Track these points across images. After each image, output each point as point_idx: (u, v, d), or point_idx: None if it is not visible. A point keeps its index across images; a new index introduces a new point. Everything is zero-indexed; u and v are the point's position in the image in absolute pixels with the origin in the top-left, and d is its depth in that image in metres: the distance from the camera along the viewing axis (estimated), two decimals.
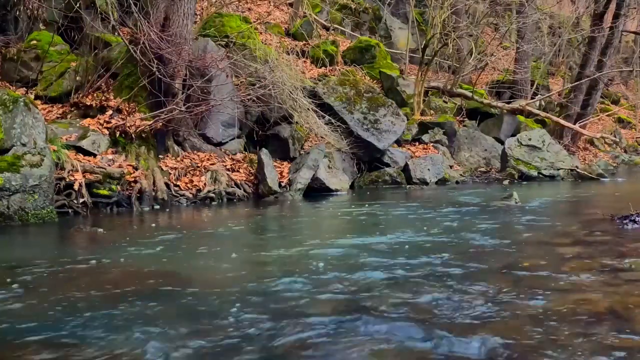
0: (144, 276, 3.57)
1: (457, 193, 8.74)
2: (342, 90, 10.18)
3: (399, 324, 2.58)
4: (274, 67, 9.16)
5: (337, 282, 3.31)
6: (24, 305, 2.96)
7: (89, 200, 6.43)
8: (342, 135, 9.57)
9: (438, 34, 13.34)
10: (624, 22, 15.25)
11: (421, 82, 12.70)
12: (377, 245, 4.50)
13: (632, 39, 23.52)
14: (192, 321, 2.68)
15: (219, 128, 8.61)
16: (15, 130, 5.81)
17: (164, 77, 7.54)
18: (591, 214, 6.30)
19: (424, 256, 4.00)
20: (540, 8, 16.71)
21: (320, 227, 6.07)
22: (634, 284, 3.28)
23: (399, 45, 15.49)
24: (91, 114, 7.66)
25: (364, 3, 16.26)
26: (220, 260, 4.18)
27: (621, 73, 23.05)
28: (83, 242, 4.94)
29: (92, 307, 2.88)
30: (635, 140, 19.47)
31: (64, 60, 8.23)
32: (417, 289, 3.16)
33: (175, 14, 7.92)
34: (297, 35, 13.04)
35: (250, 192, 8.07)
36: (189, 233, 5.30)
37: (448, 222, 5.61)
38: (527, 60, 16.55)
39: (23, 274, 3.60)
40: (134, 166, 7.15)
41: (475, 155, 12.14)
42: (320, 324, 2.59)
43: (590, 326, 2.51)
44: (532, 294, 3.04)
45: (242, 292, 3.17)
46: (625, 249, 4.21)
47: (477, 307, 2.81)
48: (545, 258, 3.97)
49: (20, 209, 5.57)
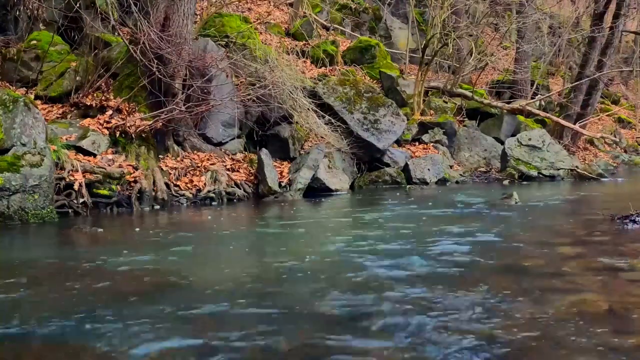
0: (143, 276, 3.57)
1: (457, 193, 8.74)
2: (342, 90, 10.18)
3: (399, 319, 2.59)
4: (274, 67, 9.16)
5: (336, 285, 3.32)
6: (24, 305, 2.96)
7: (89, 200, 6.43)
8: (342, 135, 9.56)
9: (438, 34, 13.33)
10: (624, 22, 15.24)
11: (421, 82, 12.69)
12: (379, 245, 4.50)
13: (632, 39, 23.51)
14: (192, 320, 2.68)
15: (219, 128, 8.61)
16: (15, 130, 5.82)
17: (164, 77, 7.54)
18: (591, 214, 6.30)
19: (424, 256, 4.00)
20: (540, 8, 16.71)
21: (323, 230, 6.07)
22: (634, 284, 3.29)
23: (399, 45, 15.49)
24: (91, 114, 7.66)
25: (364, 3, 16.26)
26: (220, 260, 4.19)
27: (621, 73, 23.04)
28: (83, 242, 4.94)
29: (92, 307, 2.88)
30: (635, 140, 19.46)
31: (64, 60, 8.23)
32: (416, 288, 3.17)
33: (175, 14, 7.92)
34: (297, 35, 13.04)
35: (250, 192, 8.07)
36: (189, 233, 5.30)
37: (448, 222, 5.61)
38: (527, 60, 16.55)
39: (23, 274, 3.60)
40: (134, 166, 7.15)
41: (475, 155, 12.14)
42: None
43: (590, 326, 2.51)
44: (532, 294, 3.04)
45: (234, 290, 3.17)
46: (625, 249, 4.21)
47: (476, 307, 2.81)
48: (545, 258, 3.97)
49: (20, 208, 5.57)
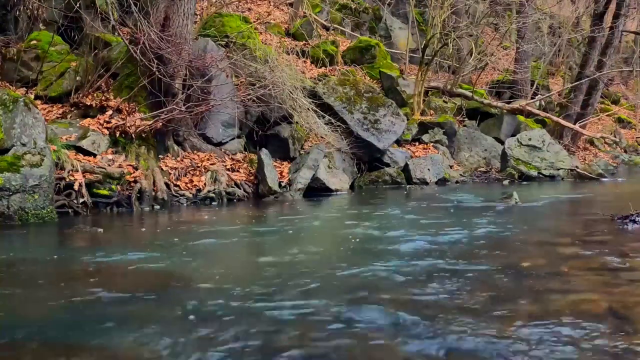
0: (143, 276, 3.57)
1: (457, 193, 8.74)
2: (342, 90, 10.18)
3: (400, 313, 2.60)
4: (274, 67, 9.16)
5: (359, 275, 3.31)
6: (24, 305, 2.96)
7: (89, 200, 6.43)
8: (342, 135, 9.56)
9: (438, 34, 13.33)
10: (624, 22, 15.24)
11: (421, 82, 12.69)
12: (381, 245, 4.50)
13: (632, 39, 23.51)
14: (192, 320, 2.68)
15: (219, 128, 8.61)
16: (15, 130, 5.81)
17: (164, 77, 7.54)
18: (591, 214, 6.30)
19: (423, 256, 4.00)
20: (540, 8, 16.71)
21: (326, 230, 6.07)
22: (634, 284, 3.29)
23: (399, 45, 15.48)
24: (91, 114, 7.66)
25: (364, 3, 16.25)
26: (220, 259, 4.19)
27: (621, 73, 23.05)
28: (83, 242, 4.94)
29: (92, 307, 2.88)
30: (635, 140, 19.46)
31: (64, 60, 8.22)
32: (416, 287, 3.17)
33: (175, 14, 7.92)
34: (297, 35, 13.04)
35: (250, 192, 8.07)
36: (189, 233, 5.29)
37: (447, 222, 5.61)
38: (527, 60, 16.54)
39: (23, 273, 3.60)
40: (134, 166, 7.15)
41: (475, 155, 12.14)
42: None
43: (590, 326, 2.51)
44: (531, 294, 3.04)
45: (236, 289, 3.18)
46: (625, 249, 4.21)
47: (475, 307, 2.81)
48: (545, 258, 3.97)
49: (20, 208, 5.57)
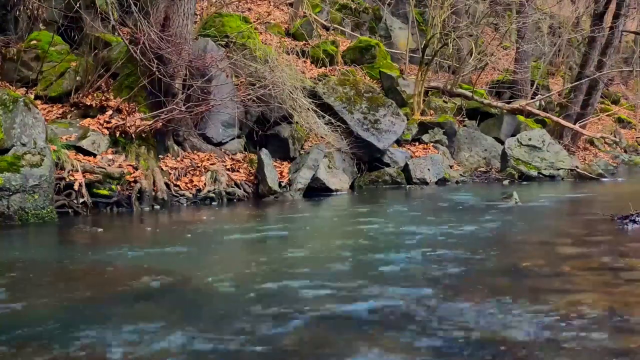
0: (144, 275, 3.57)
1: (457, 193, 8.74)
2: (342, 90, 10.18)
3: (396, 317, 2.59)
4: (274, 67, 9.16)
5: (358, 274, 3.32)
6: (24, 305, 2.96)
7: (89, 200, 6.43)
8: (342, 135, 9.56)
9: (438, 34, 13.32)
10: (624, 22, 15.23)
11: (421, 82, 12.69)
12: (382, 245, 4.50)
13: (632, 39, 23.50)
14: (192, 320, 2.68)
15: (219, 128, 8.61)
16: (15, 130, 5.81)
17: (164, 77, 7.54)
18: (591, 214, 6.30)
19: (423, 256, 4.00)
20: (540, 8, 16.70)
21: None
22: (634, 284, 3.29)
23: (399, 45, 15.47)
24: (91, 114, 7.65)
25: (364, 3, 16.25)
26: (219, 259, 4.19)
27: (621, 73, 23.03)
28: (83, 242, 4.94)
29: (92, 306, 2.88)
30: (635, 140, 19.45)
31: (64, 60, 8.22)
32: (414, 287, 3.16)
33: (175, 14, 7.91)
34: (297, 35, 13.03)
35: (250, 192, 8.06)
36: (189, 233, 5.29)
37: (447, 222, 5.61)
38: (527, 60, 16.54)
39: (23, 273, 3.60)
40: (134, 166, 7.15)
41: (475, 155, 12.13)
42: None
43: (589, 326, 2.51)
44: (531, 294, 3.04)
45: (237, 288, 3.18)
46: (625, 249, 4.21)
47: (475, 307, 2.81)
48: (545, 258, 3.97)
49: (20, 208, 5.57)
